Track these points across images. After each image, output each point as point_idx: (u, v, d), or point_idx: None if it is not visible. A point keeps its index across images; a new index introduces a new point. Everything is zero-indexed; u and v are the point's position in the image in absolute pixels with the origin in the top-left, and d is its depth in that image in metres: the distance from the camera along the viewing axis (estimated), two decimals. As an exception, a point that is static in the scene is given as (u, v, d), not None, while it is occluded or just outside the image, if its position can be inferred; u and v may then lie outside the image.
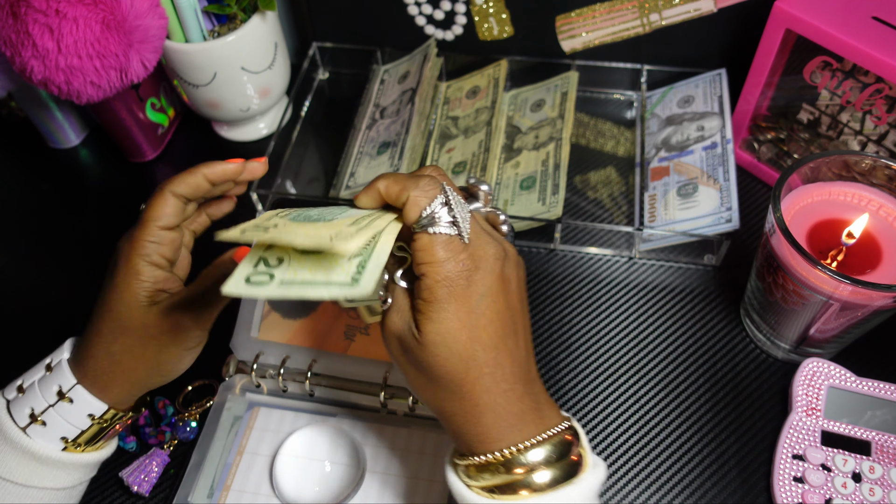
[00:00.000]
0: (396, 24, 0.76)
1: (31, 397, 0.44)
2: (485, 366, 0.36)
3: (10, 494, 0.43)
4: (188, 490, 0.51)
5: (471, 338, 0.36)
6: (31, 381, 0.45)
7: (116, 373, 0.44)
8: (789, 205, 0.51)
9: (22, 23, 0.56)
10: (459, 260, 0.36)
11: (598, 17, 0.72)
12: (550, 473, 0.36)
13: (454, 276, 0.36)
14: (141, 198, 0.73)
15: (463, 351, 0.36)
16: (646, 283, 0.63)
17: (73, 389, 0.44)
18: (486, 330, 0.36)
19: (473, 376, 0.36)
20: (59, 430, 0.44)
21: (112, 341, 0.44)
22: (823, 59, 0.59)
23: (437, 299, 0.36)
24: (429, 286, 0.36)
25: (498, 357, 0.36)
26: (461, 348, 0.36)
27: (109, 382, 0.45)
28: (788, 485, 0.50)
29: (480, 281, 0.36)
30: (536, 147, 0.68)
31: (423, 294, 0.36)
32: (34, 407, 0.44)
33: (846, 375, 0.53)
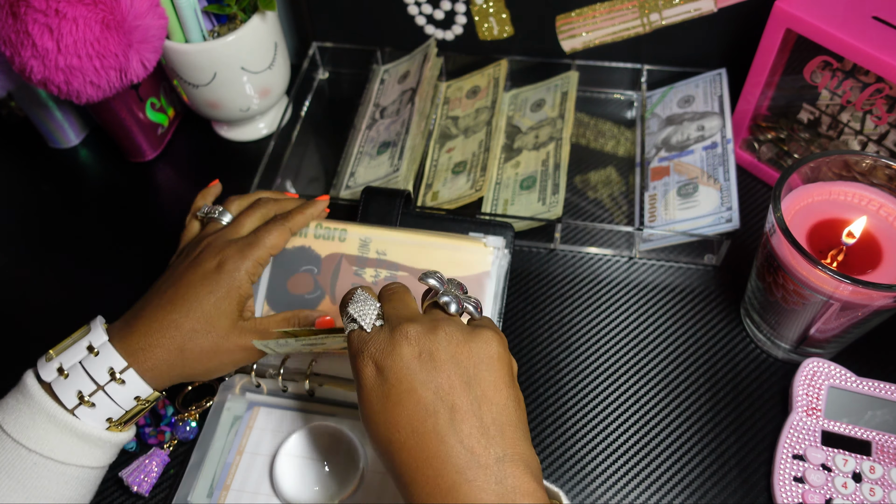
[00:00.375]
0: (396, 24, 0.76)
1: (76, 379, 0.45)
2: (404, 450, 0.36)
3: (49, 472, 0.44)
4: (188, 490, 0.51)
5: (384, 421, 0.37)
6: (72, 363, 0.46)
7: (178, 366, 0.47)
8: (789, 205, 0.51)
9: (21, 23, 0.56)
10: (362, 350, 0.38)
11: (598, 17, 0.72)
12: None
13: (361, 365, 0.38)
14: (141, 197, 0.73)
15: (381, 435, 0.37)
16: (646, 283, 0.63)
17: (125, 372, 0.46)
18: (397, 413, 0.36)
19: (398, 461, 0.36)
20: (106, 411, 0.46)
21: (190, 339, 0.47)
22: (823, 59, 0.59)
23: (356, 389, 0.39)
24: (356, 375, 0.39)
25: (418, 440, 0.36)
26: (381, 432, 0.37)
27: (167, 372, 0.47)
28: (788, 485, 0.50)
29: (383, 363, 0.37)
30: (536, 147, 0.68)
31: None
32: (82, 389, 0.45)
33: (846, 375, 0.53)
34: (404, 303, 0.41)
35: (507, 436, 0.36)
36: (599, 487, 0.52)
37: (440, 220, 0.60)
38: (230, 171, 0.74)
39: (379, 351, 0.38)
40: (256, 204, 0.55)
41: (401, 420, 0.36)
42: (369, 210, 0.60)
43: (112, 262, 0.68)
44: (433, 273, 0.41)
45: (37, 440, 0.44)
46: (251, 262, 0.50)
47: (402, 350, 0.37)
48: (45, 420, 0.44)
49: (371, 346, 0.38)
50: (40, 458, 0.44)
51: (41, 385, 0.45)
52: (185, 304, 0.47)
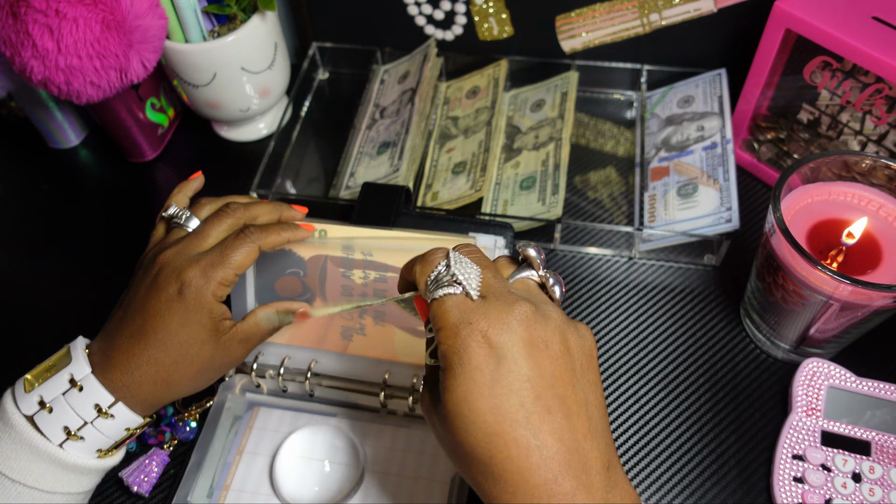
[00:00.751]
0: (396, 24, 0.76)
1: (62, 414, 0.43)
2: (513, 444, 0.31)
3: (34, 500, 0.43)
4: (188, 489, 0.51)
5: (492, 407, 0.32)
6: (55, 395, 0.43)
7: (166, 395, 0.46)
8: (789, 205, 0.51)
9: (22, 23, 0.56)
10: (468, 321, 0.33)
11: (598, 17, 0.72)
12: None
13: (465, 338, 0.32)
14: (141, 198, 0.73)
15: (483, 423, 0.32)
16: (646, 283, 0.63)
17: (114, 406, 0.44)
18: (508, 399, 0.32)
19: (502, 456, 0.31)
20: (95, 444, 0.45)
21: (174, 371, 0.45)
22: (823, 59, 0.59)
23: (451, 366, 0.33)
24: (443, 354, 0.33)
25: (533, 437, 0.31)
26: (481, 420, 0.32)
27: (156, 402, 0.46)
28: (788, 485, 0.50)
29: (498, 342, 0.32)
30: (536, 147, 0.68)
31: (442, 363, 0.34)
32: (68, 425, 0.43)
33: (846, 375, 0.53)
34: (496, 274, 0.36)
35: (608, 440, 0.34)
36: None
37: (440, 220, 0.60)
38: (230, 171, 0.74)
39: (492, 326, 0.32)
40: (225, 211, 0.48)
41: (510, 408, 0.31)
42: (368, 206, 0.60)
43: (112, 262, 0.68)
44: (530, 243, 0.37)
45: (20, 471, 0.42)
46: (215, 285, 0.45)
47: (520, 331, 0.33)
48: (28, 452, 0.43)
49: (482, 319, 0.33)
50: (24, 488, 0.42)
51: (28, 418, 0.43)
52: (158, 338, 0.44)
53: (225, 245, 0.46)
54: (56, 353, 0.46)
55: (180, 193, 0.52)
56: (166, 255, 0.46)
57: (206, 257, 0.45)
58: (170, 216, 0.50)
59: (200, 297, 0.44)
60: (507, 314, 0.33)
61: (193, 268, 0.44)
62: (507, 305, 0.33)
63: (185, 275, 0.44)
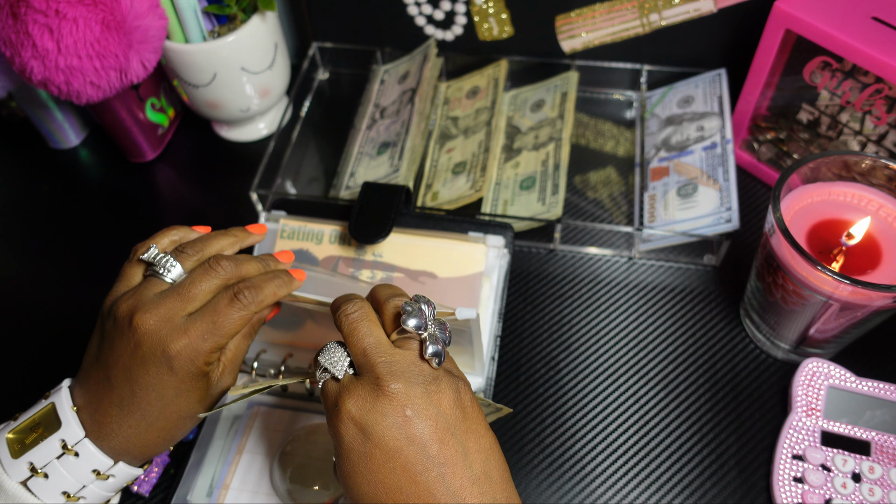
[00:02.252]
0: (396, 24, 0.76)
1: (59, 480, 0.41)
2: None
3: None
4: (187, 489, 0.51)
5: (367, 481, 0.35)
6: (47, 461, 0.41)
7: (165, 447, 0.44)
8: (789, 205, 0.51)
9: (22, 23, 0.56)
10: (337, 404, 0.36)
11: (597, 17, 0.72)
12: None
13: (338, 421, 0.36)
14: (141, 198, 0.73)
15: (364, 496, 0.35)
16: (646, 283, 0.63)
17: (114, 468, 0.42)
18: (380, 473, 0.35)
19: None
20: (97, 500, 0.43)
21: (175, 429, 0.43)
22: (823, 60, 0.59)
23: (335, 446, 0.36)
24: (329, 434, 0.37)
25: (413, 498, 0.34)
26: (362, 493, 0.35)
27: (157, 453, 0.44)
28: (788, 485, 0.50)
29: (364, 422, 0.35)
30: (536, 147, 0.68)
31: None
32: (68, 490, 0.41)
33: (846, 375, 0.53)
34: (377, 340, 0.37)
35: (495, 482, 0.36)
36: (599, 487, 0.52)
37: (440, 220, 0.60)
38: (230, 171, 0.74)
39: (359, 409, 0.35)
40: (213, 267, 0.43)
41: (387, 482, 0.34)
42: (368, 205, 0.60)
43: (112, 262, 0.67)
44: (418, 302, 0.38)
45: None
46: (206, 355, 0.41)
47: (385, 408, 0.35)
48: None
49: (349, 402, 0.35)
50: None
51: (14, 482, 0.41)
52: (154, 409, 0.41)
53: (217, 312, 0.41)
54: (38, 409, 0.42)
55: (166, 237, 0.46)
56: (148, 321, 0.40)
57: (196, 327, 0.41)
58: (149, 261, 0.44)
59: (192, 368, 0.41)
60: (374, 391, 0.35)
61: (181, 339, 0.40)
62: (373, 381, 0.35)
63: (172, 347, 0.40)
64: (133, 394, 0.41)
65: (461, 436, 0.36)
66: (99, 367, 0.42)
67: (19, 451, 0.41)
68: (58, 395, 0.42)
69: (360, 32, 0.78)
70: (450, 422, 0.35)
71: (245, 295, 0.42)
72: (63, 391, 0.42)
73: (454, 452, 0.35)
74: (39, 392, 0.45)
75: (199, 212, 0.70)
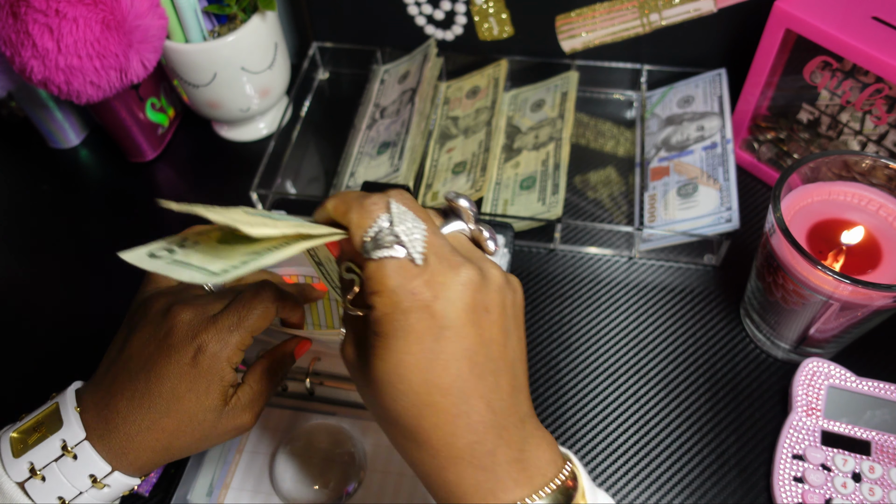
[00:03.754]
0: (396, 24, 0.76)
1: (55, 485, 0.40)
2: (443, 413, 0.31)
3: None
4: (187, 488, 0.51)
5: (424, 381, 0.31)
6: (46, 462, 0.40)
7: (164, 459, 0.43)
8: (789, 205, 0.51)
9: (22, 23, 0.56)
10: (410, 289, 0.30)
11: (598, 17, 0.72)
12: None
13: (405, 307, 0.30)
14: (141, 198, 0.73)
15: (415, 396, 0.31)
16: (646, 283, 0.63)
17: (110, 476, 0.41)
18: (446, 372, 0.31)
19: (429, 424, 0.31)
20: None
21: (175, 438, 0.41)
22: (823, 59, 0.59)
23: (385, 334, 0.31)
24: (377, 319, 0.31)
25: (464, 404, 0.31)
26: (412, 392, 0.31)
27: (153, 466, 0.43)
28: (788, 485, 0.50)
29: (441, 313, 0.31)
30: (536, 147, 0.68)
31: (373, 327, 0.32)
32: (63, 495, 0.40)
33: (846, 375, 0.53)
34: (436, 230, 0.33)
35: (527, 393, 0.34)
36: (599, 487, 0.52)
37: (440, 220, 0.60)
38: (230, 171, 0.74)
39: (437, 297, 0.31)
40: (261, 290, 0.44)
41: (445, 381, 0.31)
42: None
43: (112, 262, 0.67)
44: (461, 193, 0.35)
45: None
46: (232, 350, 0.41)
47: (465, 299, 0.31)
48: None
49: (426, 288, 0.31)
50: None
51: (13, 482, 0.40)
52: (163, 402, 0.40)
53: (241, 304, 0.41)
54: (44, 408, 0.42)
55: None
56: (185, 313, 0.41)
57: (224, 319, 0.41)
58: None
59: (215, 363, 0.40)
60: (453, 281, 0.31)
61: (210, 330, 0.40)
62: (452, 270, 0.31)
63: (200, 338, 0.40)
64: (148, 384, 0.40)
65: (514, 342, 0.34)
66: (120, 360, 0.42)
67: (21, 450, 0.41)
68: (63, 395, 0.42)
69: (360, 32, 0.78)
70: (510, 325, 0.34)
71: (269, 289, 0.43)
72: (69, 392, 0.42)
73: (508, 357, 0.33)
74: (39, 391, 0.45)
75: (199, 212, 0.70)
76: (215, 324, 0.41)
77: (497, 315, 0.32)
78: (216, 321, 0.41)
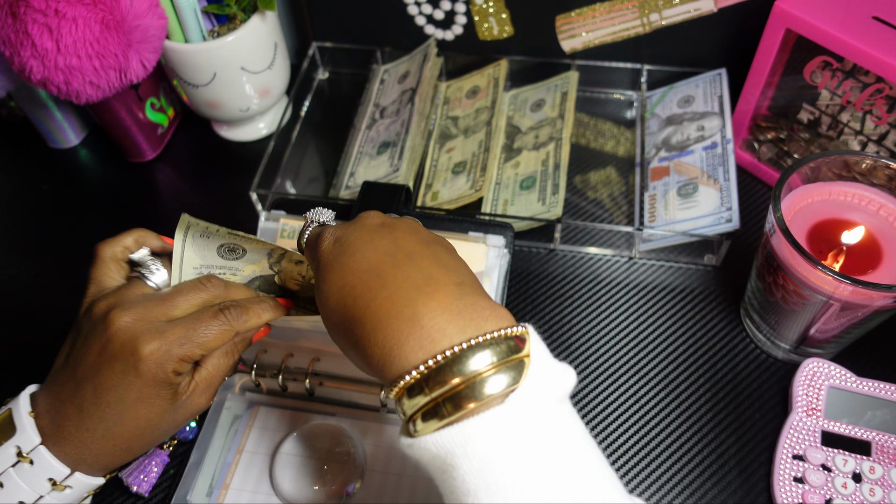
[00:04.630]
0: (396, 24, 0.76)
1: (14, 490, 0.40)
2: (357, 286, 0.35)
3: None
4: (187, 488, 0.51)
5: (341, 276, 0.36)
6: (2, 470, 0.40)
7: (129, 457, 0.43)
8: (789, 205, 0.51)
9: (21, 22, 0.56)
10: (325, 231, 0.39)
11: (598, 16, 0.72)
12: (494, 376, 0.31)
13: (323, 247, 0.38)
14: (141, 198, 0.73)
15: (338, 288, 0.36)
16: (646, 283, 0.63)
17: (70, 478, 0.41)
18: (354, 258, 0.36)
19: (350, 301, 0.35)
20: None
21: (135, 440, 0.41)
22: (823, 59, 0.59)
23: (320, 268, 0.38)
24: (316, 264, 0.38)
25: (377, 279, 0.35)
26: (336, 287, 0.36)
27: (117, 464, 0.43)
28: (788, 485, 0.50)
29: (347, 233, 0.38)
30: (536, 147, 0.68)
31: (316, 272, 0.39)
32: (24, 500, 0.40)
33: (846, 375, 0.53)
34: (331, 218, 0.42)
35: (465, 273, 0.36)
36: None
37: (440, 220, 0.60)
38: (230, 171, 0.74)
39: (340, 228, 0.38)
40: (203, 283, 0.44)
41: (356, 264, 0.35)
42: (368, 205, 0.60)
43: (112, 261, 0.67)
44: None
45: None
46: (176, 362, 0.40)
47: (364, 221, 0.38)
48: None
49: (331, 228, 0.39)
50: None
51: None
52: (113, 413, 0.40)
53: (198, 321, 0.41)
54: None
55: (130, 237, 0.47)
56: (123, 318, 0.40)
57: (173, 331, 0.40)
58: (137, 262, 0.44)
59: (159, 373, 0.40)
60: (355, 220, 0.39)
61: (155, 340, 0.39)
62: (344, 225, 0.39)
63: (143, 348, 0.39)
64: (95, 394, 0.40)
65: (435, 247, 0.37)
66: (67, 367, 0.41)
67: None
68: (16, 401, 0.42)
69: (360, 32, 0.78)
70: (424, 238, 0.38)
71: (231, 312, 0.42)
72: (22, 397, 0.42)
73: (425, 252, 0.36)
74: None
75: (199, 212, 0.70)
76: (162, 335, 0.40)
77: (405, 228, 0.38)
78: (164, 333, 0.40)
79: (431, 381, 0.31)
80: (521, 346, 0.32)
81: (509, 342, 0.32)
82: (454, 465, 0.30)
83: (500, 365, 0.31)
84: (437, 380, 0.31)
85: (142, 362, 0.39)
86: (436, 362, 0.31)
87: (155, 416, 0.41)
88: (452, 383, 0.31)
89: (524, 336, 0.33)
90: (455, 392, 0.31)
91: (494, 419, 0.30)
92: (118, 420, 0.40)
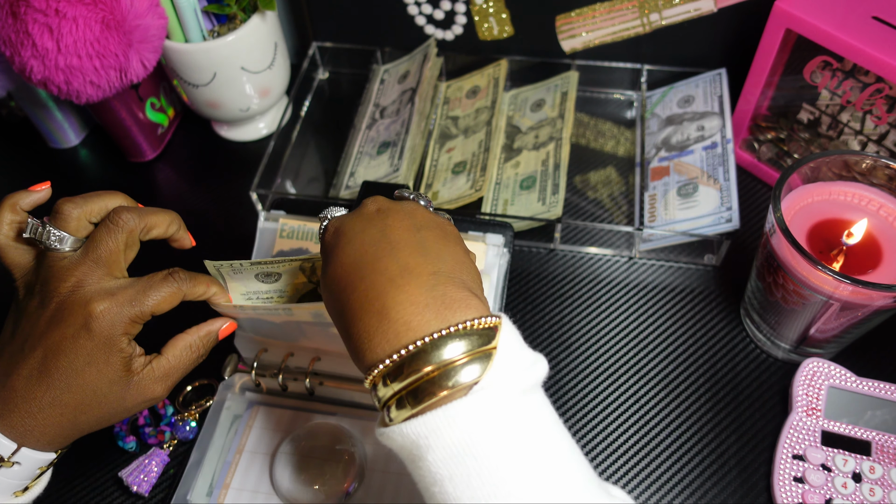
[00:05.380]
0: (396, 24, 0.76)
1: None
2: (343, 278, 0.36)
3: None
4: (187, 488, 0.51)
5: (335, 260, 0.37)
6: None
7: (77, 432, 0.42)
8: (789, 205, 0.51)
9: (21, 22, 0.56)
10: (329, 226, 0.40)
11: (598, 16, 0.72)
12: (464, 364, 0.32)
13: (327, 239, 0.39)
14: (141, 198, 0.73)
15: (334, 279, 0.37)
16: (646, 283, 0.63)
17: (18, 453, 0.40)
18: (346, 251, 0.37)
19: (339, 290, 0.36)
20: (8, 489, 0.41)
21: (81, 413, 0.41)
22: (823, 59, 0.59)
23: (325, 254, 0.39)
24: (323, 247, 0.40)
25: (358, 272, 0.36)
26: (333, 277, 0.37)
27: (68, 438, 0.42)
28: (788, 485, 0.50)
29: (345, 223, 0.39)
30: (536, 147, 0.68)
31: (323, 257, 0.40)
32: None
33: (846, 375, 0.53)
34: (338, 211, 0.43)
35: (447, 260, 0.36)
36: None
37: (440, 219, 0.60)
38: (230, 171, 0.74)
39: (340, 218, 0.39)
40: (115, 221, 0.44)
41: (345, 257, 0.37)
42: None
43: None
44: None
45: None
46: (127, 322, 0.41)
47: (361, 211, 0.39)
48: None
49: (335, 219, 0.40)
50: None
51: None
52: (62, 378, 0.40)
53: (149, 283, 0.42)
54: None
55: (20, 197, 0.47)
56: (66, 286, 0.41)
57: (124, 292, 0.41)
58: (34, 236, 0.43)
59: (110, 332, 0.40)
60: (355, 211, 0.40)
61: (105, 300, 0.40)
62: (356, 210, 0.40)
63: (93, 306, 0.40)
64: (45, 359, 0.40)
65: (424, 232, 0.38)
66: (14, 340, 0.42)
67: None
68: None
69: (360, 32, 0.78)
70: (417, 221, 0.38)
71: (179, 274, 0.43)
72: None
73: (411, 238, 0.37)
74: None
75: (199, 211, 0.70)
76: (113, 295, 0.41)
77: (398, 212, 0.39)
78: (115, 294, 0.41)
79: (397, 374, 0.33)
80: (492, 336, 0.33)
81: (480, 333, 0.33)
82: (420, 456, 0.32)
83: (471, 355, 0.32)
84: (405, 371, 0.32)
85: (94, 320, 0.40)
86: (399, 356, 0.32)
87: (104, 386, 0.41)
88: (417, 376, 0.32)
89: (497, 326, 0.33)
90: (422, 382, 0.32)
91: (457, 411, 0.31)
92: (66, 387, 0.40)
